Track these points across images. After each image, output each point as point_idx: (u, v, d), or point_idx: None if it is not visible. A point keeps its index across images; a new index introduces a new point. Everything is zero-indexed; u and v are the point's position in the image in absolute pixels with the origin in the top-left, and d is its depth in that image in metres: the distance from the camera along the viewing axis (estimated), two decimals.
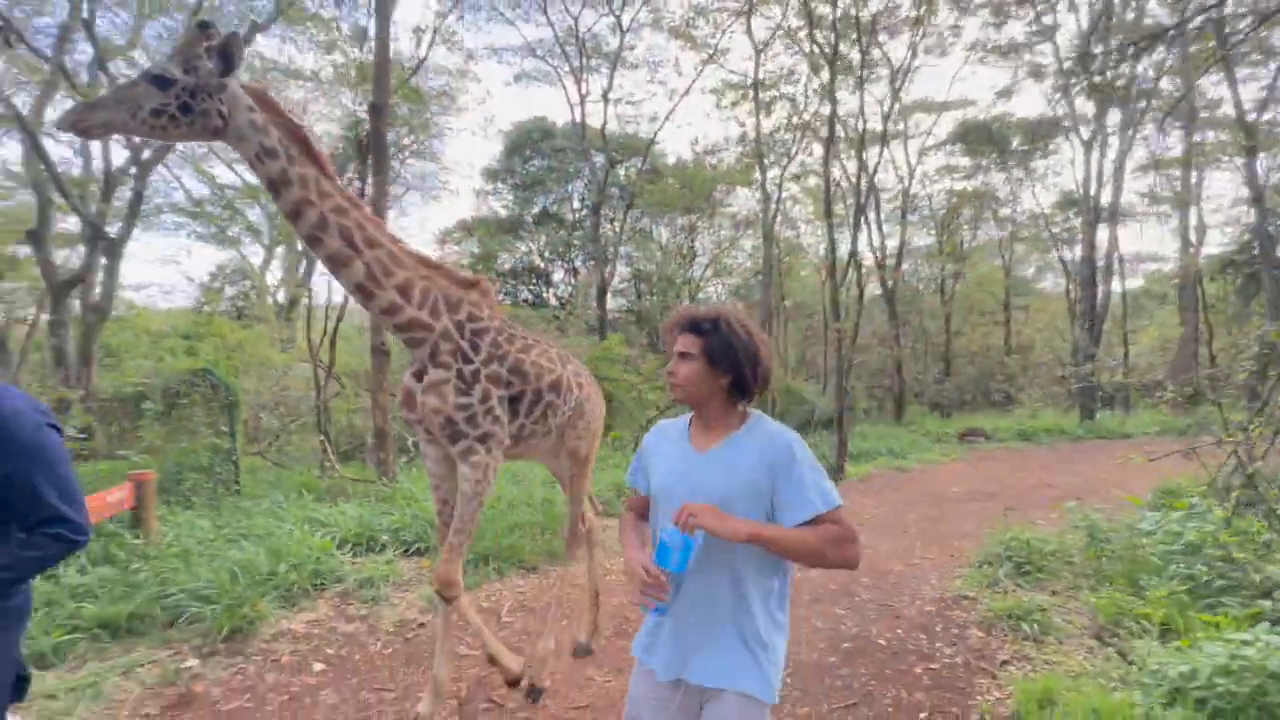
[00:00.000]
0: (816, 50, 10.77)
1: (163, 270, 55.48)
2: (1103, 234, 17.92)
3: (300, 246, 15.64)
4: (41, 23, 9.97)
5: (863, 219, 18.30)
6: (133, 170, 8.79)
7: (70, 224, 10.63)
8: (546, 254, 23.46)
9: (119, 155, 9.12)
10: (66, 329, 8.46)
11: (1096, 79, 10.33)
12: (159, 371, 6.66)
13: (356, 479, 6.76)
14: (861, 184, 10.73)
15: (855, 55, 10.29)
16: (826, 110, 10.86)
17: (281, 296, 17.95)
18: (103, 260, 8.84)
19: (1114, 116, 16.87)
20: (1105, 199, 17.44)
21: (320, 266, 3.09)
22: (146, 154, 8.73)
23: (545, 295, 23.03)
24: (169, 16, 10.05)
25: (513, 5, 17.33)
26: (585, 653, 3.48)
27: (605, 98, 16.92)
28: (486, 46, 15.79)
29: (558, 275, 24.07)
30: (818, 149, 12.06)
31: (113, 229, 8.94)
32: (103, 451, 5.97)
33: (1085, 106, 16.98)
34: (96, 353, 8.62)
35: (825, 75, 9.94)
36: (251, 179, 15.38)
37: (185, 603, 3.56)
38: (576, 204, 23.02)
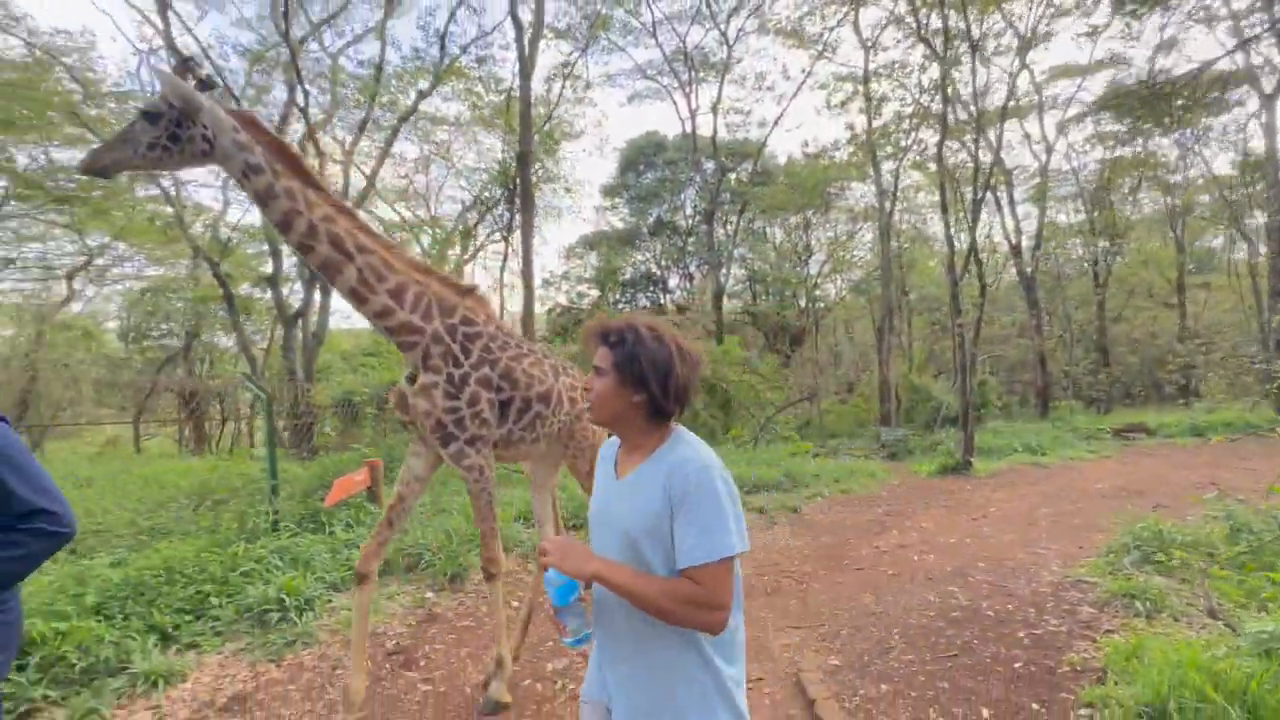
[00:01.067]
0: (926, 38, 10.63)
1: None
2: None
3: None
4: (264, 111, 12.64)
5: (997, 202, 17.33)
6: None
7: (290, 266, 13.28)
8: (662, 261, 24.48)
9: None
10: (295, 353, 10.73)
11: None
12: (369, 383, 8.39)
13: (516, 470, 8.04)
14: (981, 169, 10.36)
15: (966, 35, 9.98)
16: (941, 98, 10.67)
17: None
18: (317, 295, 11.06)
19: None
20: None
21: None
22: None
23: (663, 301, 24.03)
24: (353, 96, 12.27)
25: (625, 33, 18.42)
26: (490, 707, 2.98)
27: (714, 109, 17.54)
28: (602, 75, 17.10)
29: (673, 281, 25.02)
30: (933, 136, 11.76)
31: None
32: (336, 445, 7.71)
33: (1270, 52, 14.77)
34: (315, 370, 10.81)
35: (936, 71, 9.84)
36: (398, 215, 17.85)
37: (418, 553, 4.80)
38: (689, 211, 23.77)
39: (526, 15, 8.69)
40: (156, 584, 3.81)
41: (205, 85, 2.41)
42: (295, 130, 12.02)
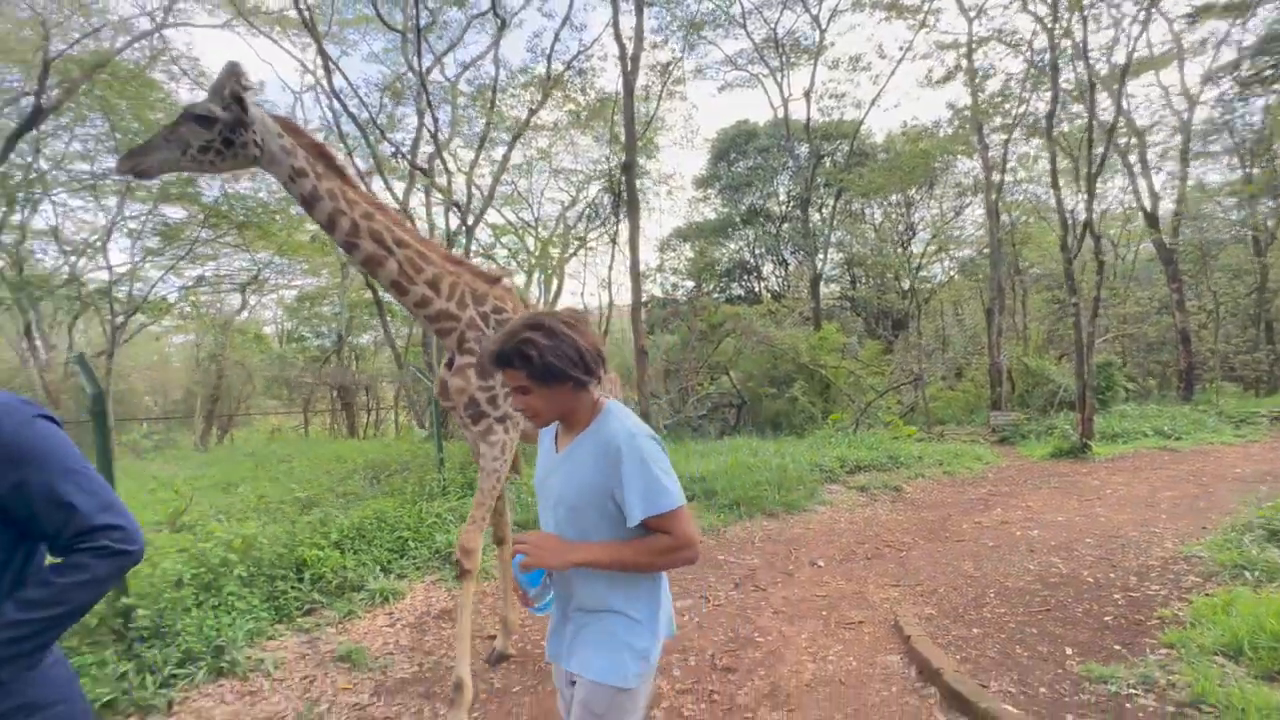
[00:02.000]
0: (1031, 9, 10.14)
1: None
2: None
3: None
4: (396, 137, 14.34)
5: (1128, 168, 15.90)
6: (463, 229, 12.27)
7: None
8: (756, 249, 24.50)
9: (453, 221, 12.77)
10: (431, 348, 12.24)
11: None
12: None
13: None
14: (1098, 132, 9.75)
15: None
16: (1050, 65, 10.13)
17: (541, 307, 22.20)
18: None
19: None
20: None
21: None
22: (471, 220, 12.15)
23: (758, 290, 24.09)
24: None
25: (714, 26, 18.62)
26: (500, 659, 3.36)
27: (807, 95, 17.43)
28: (693, 70, 17.48)
29: (768, 269, 24.97)
30: (1044, 108, 11.10)
31: None
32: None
33: None
34: None
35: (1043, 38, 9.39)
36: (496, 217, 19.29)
37: None
38: (783, 197, 23.62)
39: (626, 26, 9.37)
40: (371, 529, 4.93)
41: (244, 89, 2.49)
42: (425, 150, 13.59)
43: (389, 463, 7.98)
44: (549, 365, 1.36)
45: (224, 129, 2.28)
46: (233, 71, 2.36)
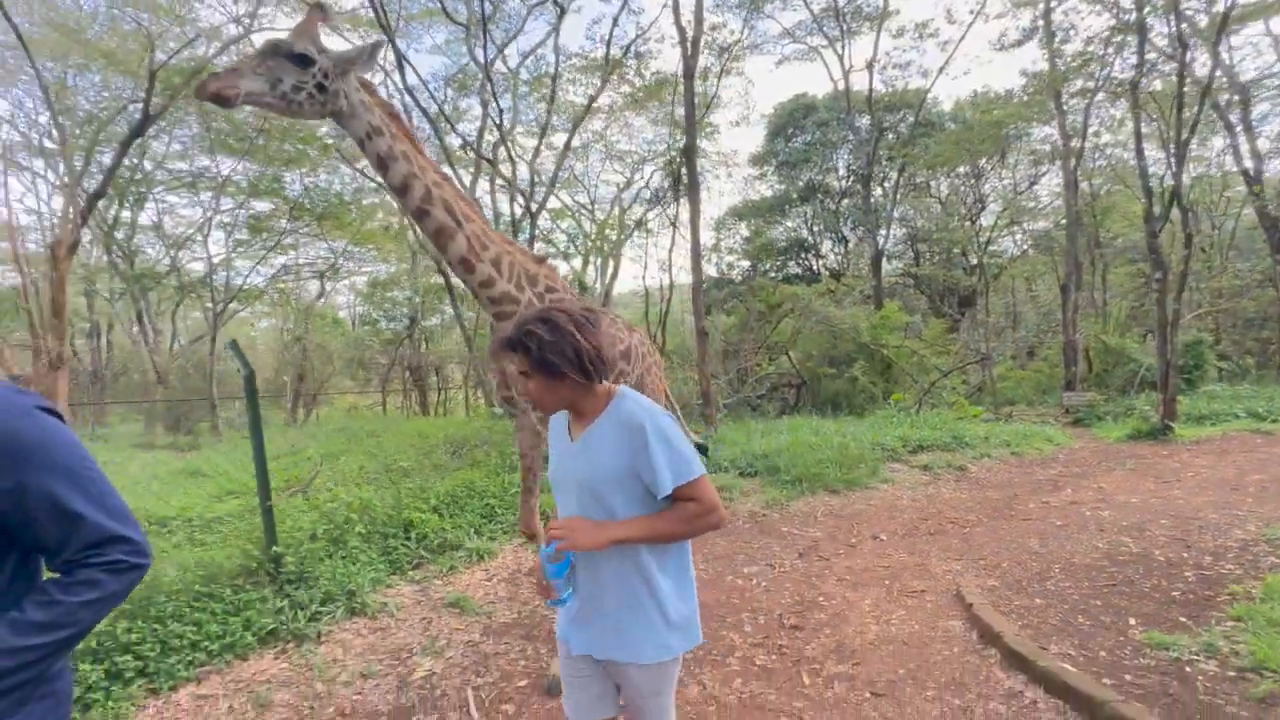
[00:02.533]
0: None
1: None
2: None
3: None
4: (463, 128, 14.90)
5: (1228, 126, 14.67)
6: (527, 219, 12.75)
7: None
8: (814, 226, 23.99)
9: (516, 209, 13.28)
10: (497, 330, 12.87)
11: None
12: None
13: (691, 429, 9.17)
14: (1189, 90, 9.12)
15: None
16: (1138, 23, 9.49)
17: (599, 289, 22.64)
18: None
19: None
20: None
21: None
22: (534, 207, 12.60)
23: (816, 268, 23.65)
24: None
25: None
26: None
27: (869, 65, 16.89)
28: (750, 45, 17.09)
29: (826, 246, 24.42)
30: (1127, 74, 10.36)
31: None
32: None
33: None
34: None
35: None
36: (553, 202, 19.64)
37: None
38: (842, 171, 22.96)
39: (685, 8, 9.41)
40: (463, 496, 5.45)
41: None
42: (488, 140, 14.11)
43: (468, 438, 8.59)
44: (545, 359, 1.40)
45: (318, 73, 2.17)
46: (323, 12, 2.26)
